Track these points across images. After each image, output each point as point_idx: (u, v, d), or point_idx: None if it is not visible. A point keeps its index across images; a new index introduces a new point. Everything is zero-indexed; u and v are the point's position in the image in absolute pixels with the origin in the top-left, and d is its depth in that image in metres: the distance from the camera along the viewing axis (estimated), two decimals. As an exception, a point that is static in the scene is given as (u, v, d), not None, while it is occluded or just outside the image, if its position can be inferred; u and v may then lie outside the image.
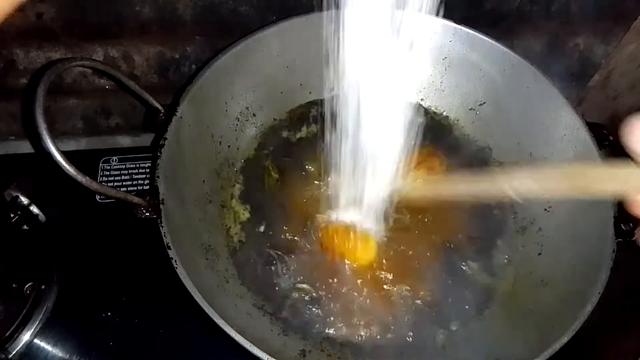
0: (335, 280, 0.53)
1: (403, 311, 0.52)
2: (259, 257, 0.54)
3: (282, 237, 0.55)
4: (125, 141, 0.75)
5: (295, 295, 0.52)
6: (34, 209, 0.62)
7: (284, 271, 0.53)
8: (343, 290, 0.53)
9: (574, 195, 0.34)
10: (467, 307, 0.53)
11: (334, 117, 0.63)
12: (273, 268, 0.53)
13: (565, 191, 0.34)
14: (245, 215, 0.56)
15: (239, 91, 0.58)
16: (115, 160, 0.68)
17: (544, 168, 0.36)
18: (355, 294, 0.53)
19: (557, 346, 0.43)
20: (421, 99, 0.65)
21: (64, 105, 0.69)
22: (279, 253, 0.54)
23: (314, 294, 0.52)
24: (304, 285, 0.53)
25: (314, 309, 0.51)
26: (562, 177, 0.34)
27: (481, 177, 0.42)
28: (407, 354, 0.50)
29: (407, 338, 0.51)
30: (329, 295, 0.52)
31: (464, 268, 0.55)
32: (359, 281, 0.53)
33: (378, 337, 0.51)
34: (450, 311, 0.53)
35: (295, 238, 0.55)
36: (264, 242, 0.55)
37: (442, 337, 0.51)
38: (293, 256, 0.54)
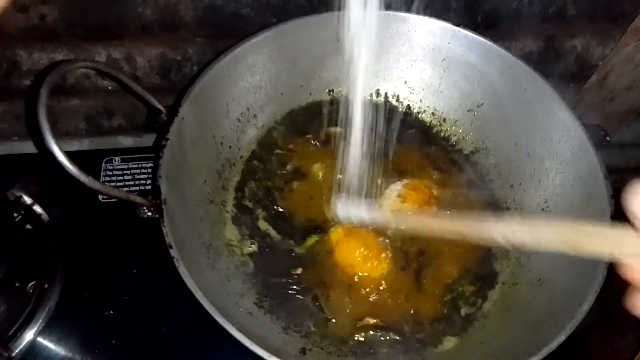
0: (335, 278, 0.54)
1: (402, 310, 0.53)
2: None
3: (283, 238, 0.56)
4: (127, 141, 0.75)
5: (295, 291, 0.53)
6: (37, 208, 0.62)
7: (284, 268, 0.54)
8: (343, 288, 0.53)
9: (566, 250, 0.33)
10: (464, 306, 0.54)
11: (333, 118, 0.64)
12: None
13: (557, 245, 0.33)
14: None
15: (240, 92, 0.59)
16: (118, 160, 0.68)
17: (538, 220, 0.35)
18: (356, 291, 0.53)
19: (554, 345, 0.43)
20: (420, 100, 0.66)
21: (67, 106, 0.70)
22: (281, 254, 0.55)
23: (313, 290, 0.53)
24: (303, 284, 0.53)
25: (314, 306, 0.52)
26: (555, 232, 0.34)
27: (472, 221, 0.42)
28: (405, 352, 0.51)
29: (406, 337, 0.51)
30: (330, 292, 0.53)
31: (460, 267, 0.55)
32: (359, 280, 0.54)
33: (378, 334, 0.51)
34: (448, 310, 0.53)
35: (297, 235, 0.56)
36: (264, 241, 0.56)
37: (439, 337, 0.52)
38: (293, 254, 0.55)
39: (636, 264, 0.29)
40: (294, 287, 0.53)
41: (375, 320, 0.52)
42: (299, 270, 0.54)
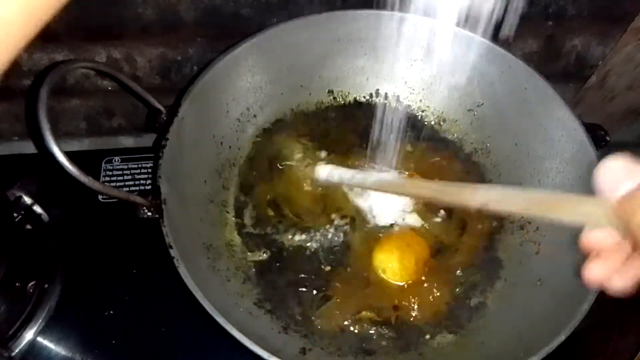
0: (336, 277, 0.54)
1: (401, 309, 0.53)
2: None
3: (284, 237, 0.56)
4: (127, 141, 0.76)
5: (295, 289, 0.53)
6: (37, 208, 0.62)
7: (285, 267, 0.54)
8: (344, 286, 0.53)
9: (533, 214, 0.35)
10: (464, 306, 0.54)
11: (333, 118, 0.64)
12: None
13: (524, 209, 0.35)
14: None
15: (240, 92, 0.59)
16: (118, 160, 0.68)
17: (512, 190, 0.36)
18: (356, 288, 0.53)
19: (554, 344, 0.43)
20: (420, 100, 0.66)
21: (67, 106, 0.70)
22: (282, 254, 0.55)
23: (314, 289, 0.53)
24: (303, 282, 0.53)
25: (316, 305, 0.52)
26: (524, 198, 0.35)
27: (449, 184, 0.43)
28: (404, 352, 0.51)
29: (405, 337, 0.52)
30: (331, 291, 0.53)
31: (460, 267, 0.56)
32: (359, 276, 0.54)
33: (377, 334, 0.51)
34: (448, 311, 0.53)
35: (297, 236, 0.56)
36: (264, 241, 0.56)
37: (439, 337, 0.52)
38: (293, 253, 0.55)
39: (594, 233, 0.30)
40: (299, 288, 0.53)
41: (375, 318, 0.52)
42: (306, 272, 0.54)
